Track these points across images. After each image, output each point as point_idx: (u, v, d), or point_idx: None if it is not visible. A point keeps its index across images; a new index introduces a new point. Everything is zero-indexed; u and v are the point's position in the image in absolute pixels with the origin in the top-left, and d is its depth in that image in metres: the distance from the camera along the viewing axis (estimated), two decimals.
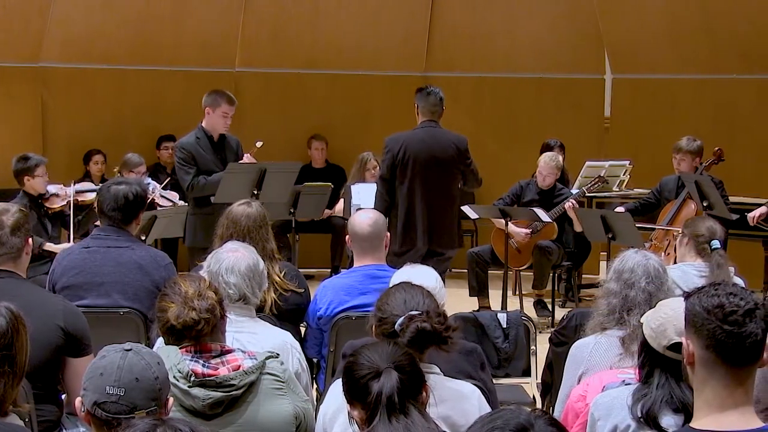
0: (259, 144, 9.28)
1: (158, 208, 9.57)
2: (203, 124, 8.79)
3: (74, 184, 9.68)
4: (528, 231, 10.28)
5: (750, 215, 9.51)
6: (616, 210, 9.83)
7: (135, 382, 3.09)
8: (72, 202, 9.39)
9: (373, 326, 4.02)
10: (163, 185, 10.53)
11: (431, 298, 4.05)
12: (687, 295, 3.05)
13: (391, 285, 4.32)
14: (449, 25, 12.87)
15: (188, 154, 8.69)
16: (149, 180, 10.76)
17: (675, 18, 12.37)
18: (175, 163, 8.98)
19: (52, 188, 9.46)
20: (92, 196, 8.93)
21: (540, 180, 10.39)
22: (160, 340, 4.15)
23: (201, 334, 3.87)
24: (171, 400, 3.25)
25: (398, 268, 5.04)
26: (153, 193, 10.44)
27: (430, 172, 8.39)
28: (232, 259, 4.78)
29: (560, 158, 10.60)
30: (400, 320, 3.84)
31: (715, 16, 12.14)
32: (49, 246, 8.88)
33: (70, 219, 9.45)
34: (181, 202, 9.84)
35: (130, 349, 3.17)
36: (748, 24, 12.00)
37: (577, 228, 10.00)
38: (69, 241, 9.08)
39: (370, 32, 12.82)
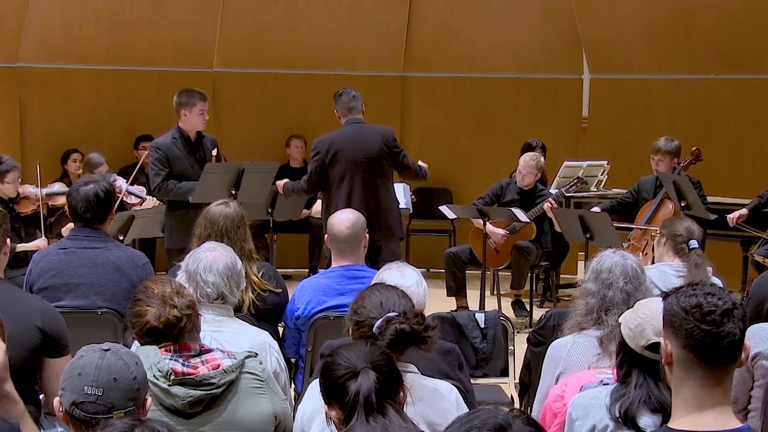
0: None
1: (133, 209, 9.51)
2: (180, 125, 8.73)
3: (44, 187, 9.64)
4: (505, 232, 10.28)
5: (730, 216, 9.54)
6: (592, 210, 9.85)
7: (113, 382, 3.09)
8: (42, 205, 9.34)
9: (350, 329, 4.01)
10: (129, 182, 10.45)
11: (407, 298, 4.04)
12: (665, 295, 3.05)
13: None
14: (427, 25, 12.87)
15: (162, 155, 8.63)
16: (115, 176, 10.69)
17: (652, 18, 12.40)
18: (149, 162, 8.93)
19: (29, 189, 9.40)
20: (63, 199, 8.86)
21: (519, 179, 10.37)
22: (137, 344, 4.13)
23: (183, 332, 3.88)
24: (149, 400, 3.24)
25: (377, 268, 5.03)
26: (120, 191, 10.37)
27: (362, 166, 8.49)
28: (210, 258, 4.78)
29: (541, 159, 10.58)
30: (378, 323, 3.82)
31: (691, 16, 12.18)
32: (22, 246, 8.82)
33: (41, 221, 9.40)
34: (150, 197, 9.76)
35: (109, 349, 3.16)
36: (724, 24, 12.05)
37: (558, 228, 10.00)
38: (41, 237, 9.04)
39: (347, 32, 12.81)
